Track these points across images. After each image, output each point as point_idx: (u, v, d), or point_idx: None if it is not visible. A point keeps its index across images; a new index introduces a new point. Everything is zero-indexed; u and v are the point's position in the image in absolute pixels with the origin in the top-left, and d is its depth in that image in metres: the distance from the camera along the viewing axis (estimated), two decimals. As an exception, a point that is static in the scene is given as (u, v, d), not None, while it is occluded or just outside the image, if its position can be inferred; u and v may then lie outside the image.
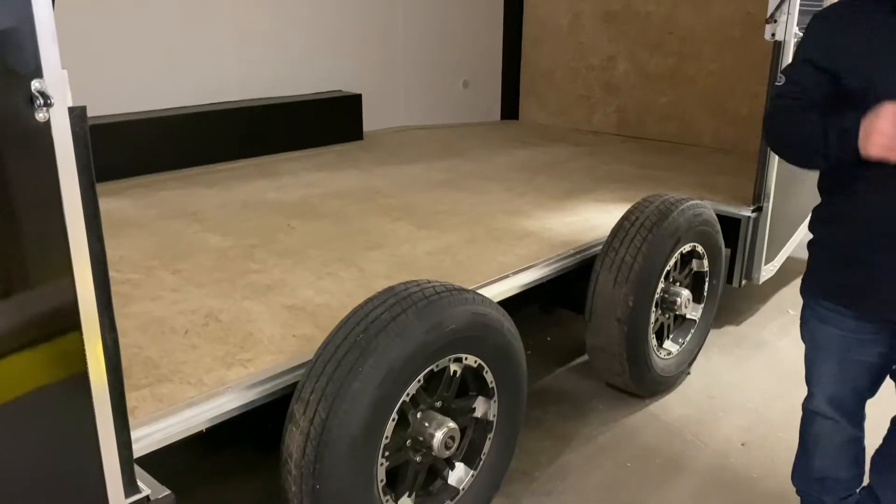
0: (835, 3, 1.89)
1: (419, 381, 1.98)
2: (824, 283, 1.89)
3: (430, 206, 3.68)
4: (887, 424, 1.99)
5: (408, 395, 1.96)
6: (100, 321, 1.36)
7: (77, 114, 1.27)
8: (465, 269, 2.83)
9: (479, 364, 2.15)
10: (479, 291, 2.58)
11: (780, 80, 1.83)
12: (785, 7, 3.30)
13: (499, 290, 2.66)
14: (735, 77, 5.10)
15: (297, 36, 4.90)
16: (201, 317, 2.38)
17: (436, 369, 2.03)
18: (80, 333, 1.34)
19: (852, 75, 1.68)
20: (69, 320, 1.32)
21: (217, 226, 3.30)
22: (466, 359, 2.11)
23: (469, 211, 3.59)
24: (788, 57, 3.22)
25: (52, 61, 1.19)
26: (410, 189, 4.00)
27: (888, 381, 1.95)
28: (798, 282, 2.01)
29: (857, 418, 2.00)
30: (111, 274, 2.80)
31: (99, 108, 4.02)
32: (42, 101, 1.18)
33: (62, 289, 1.32)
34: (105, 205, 4.10)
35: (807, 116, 1.71)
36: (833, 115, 1.65)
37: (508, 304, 2.71)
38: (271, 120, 4.63)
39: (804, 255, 2.00)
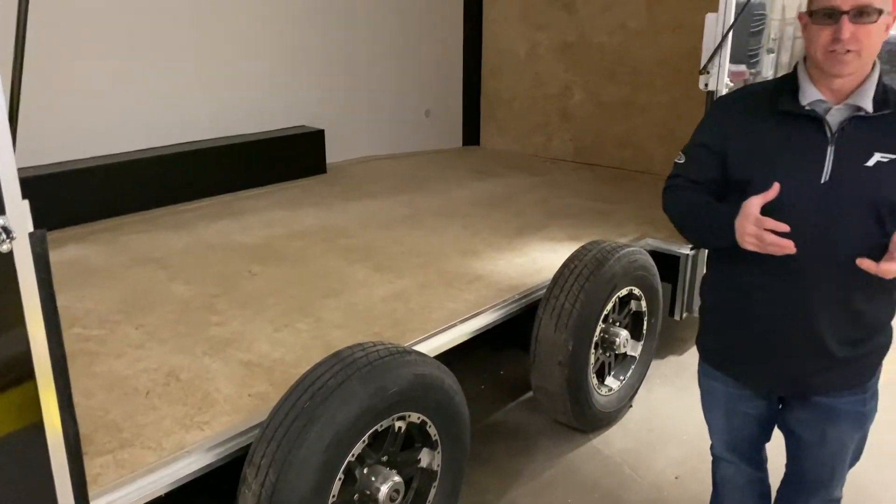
0: (737, 91, 2.08)
1: (364, 441, 2.15)
2: (711, 349, 2.06)
3: (388, 246, 3.85)
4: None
5: (353, 455, 2.12)
6: (62, 425, 1.51)
7: (37, 237, 1.42)
8: (417, 316, 3.00)
9: (423, 420, 2.32)
10: (428, 341, 2.79)
11: (680, 159, 2.01)
12: (716, 60, 3.53)
13: (446, 340, 2.83)
14: (684, 107, 5.33)
15: (261, 74, 5.05)
16: (163, 375, 2.53)
17: (380, 429, 2.20)
18: (46, 447, 1.49)
19: (737, 166, 1.84)
20: (33, 427, 1.48)
21: (181, 272, 3.44)
22: (410, 416, 2.28)
23: (426, 251, 3.76)
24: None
25: (13, 198, 1.35)
26: (371, 227, 4.17)
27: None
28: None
29: (757, 461, 2.20)
30: (78, 330, 2.95)
31: (63, 153, 4.16)
32: (5, 236, 1.33)
33: (27, 391, 1.47)
34: (71, 252, 4.22)
35: (696, 205, 1.88)
36: (716, 208, 1.84)
37: (458, 347, 2.90)
38: (236, 158, 4.78)
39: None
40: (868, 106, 1.71)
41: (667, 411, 3.50)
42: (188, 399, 2.38)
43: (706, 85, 3.58)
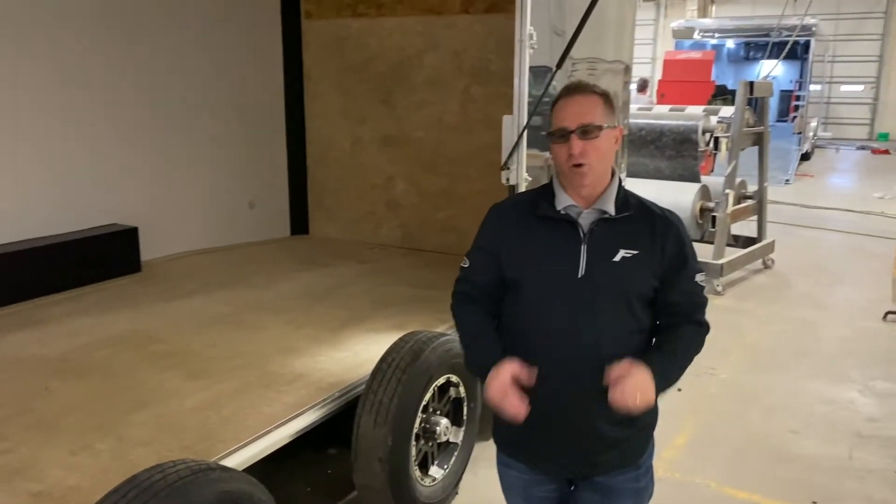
0: (506, 200, 2.29)
1: (163, 571, 2.02)
2: (502, 438, 2.17)
3: (204, 349, 3.71)
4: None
5: (150, 588, 1.99)
6: None
7: None
8: (231, 425, 2.90)
9: (231, 539, 2.23)
10: (242, 451, 2.70)
11: (465, 263, 2.15)
12: (515, 157, 3.84)
13: (261, 448, 2.76)
14: (497, 195, 5.60)
15: (67, 170, 4.80)
16: (-70, 521, 2.26)
17: (181, 556, 2.08)
18: None
19: (508, 266, 2.02)
20: None
21: (-36, 396, 3.11)
22: (216, 536, 2.18)
23: (244, 352, 3.66)
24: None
25: None
26: (186, 329, 4.00)
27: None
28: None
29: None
30: None
31: None
32: None
33: None
34: None
35: (472, 329, 2.07)
36: (485, 348, 2.00)
37: (282, 449, 2.82)
38: (39, 261, 4.45)
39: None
40: (611, 209, 1.97)
41: (491, 494, 3.55)
42: (-41, 546, 2.13)
43: (507, 179, 3.88)
